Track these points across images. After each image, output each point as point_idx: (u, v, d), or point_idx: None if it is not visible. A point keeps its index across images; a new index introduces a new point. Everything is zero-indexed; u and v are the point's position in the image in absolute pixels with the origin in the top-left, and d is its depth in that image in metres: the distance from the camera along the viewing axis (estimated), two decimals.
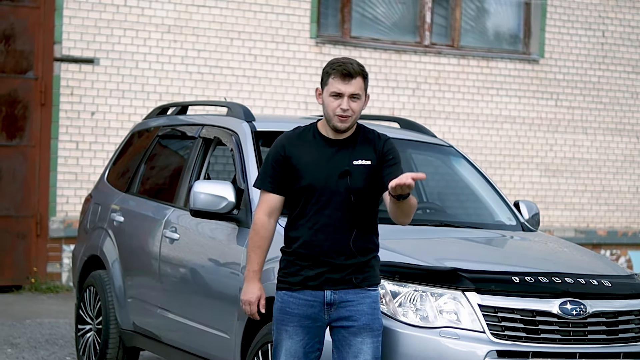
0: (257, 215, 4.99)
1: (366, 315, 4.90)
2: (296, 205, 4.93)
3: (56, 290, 11.00)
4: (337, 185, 4.88)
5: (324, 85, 4.95)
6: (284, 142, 4.99)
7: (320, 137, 4.97)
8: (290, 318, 4.90)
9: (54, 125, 11.05)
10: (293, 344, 4.90)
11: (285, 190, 4.96)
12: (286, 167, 4.93)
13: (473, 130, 12.93)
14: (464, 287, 5.28)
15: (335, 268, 4.88)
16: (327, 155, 4.92)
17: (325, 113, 4.94)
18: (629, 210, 13.89)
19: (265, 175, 4.98)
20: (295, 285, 4.91)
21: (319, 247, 4.87)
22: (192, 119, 7.54)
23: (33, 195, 11.05)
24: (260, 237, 4.98)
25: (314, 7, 12.08)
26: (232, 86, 11.73)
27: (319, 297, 4.89)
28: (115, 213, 7.63)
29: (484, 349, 5.19)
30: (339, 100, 4.88)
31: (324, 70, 4.95)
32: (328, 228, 4.87)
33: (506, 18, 13.35)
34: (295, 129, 5.05)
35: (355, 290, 4.91)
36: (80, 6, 11.11)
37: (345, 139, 4.96)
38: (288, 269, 4.94)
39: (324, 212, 4.87)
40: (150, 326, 7.05)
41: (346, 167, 4.89)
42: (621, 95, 13.75)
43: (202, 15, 11.59)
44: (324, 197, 4.88)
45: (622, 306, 5.52)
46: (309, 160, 4.91)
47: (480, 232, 6.54)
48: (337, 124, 4.90)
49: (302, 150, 4.94)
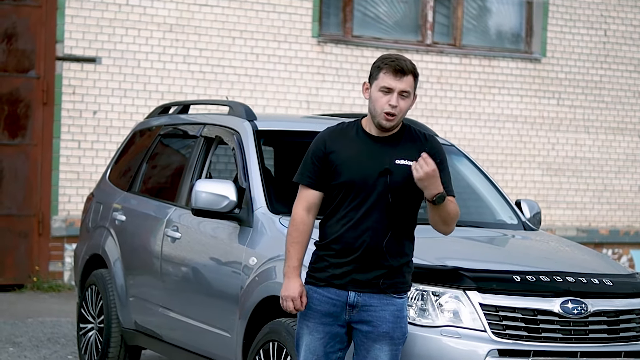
0: (295, 211, 4.89)
1: (387, 323, 4.81)
2: (333, 200, 4.83)
3: (58, 289, 11.01)
4: (376, 183, 4.77)
5: (373, 80, 4.81)
6: (326, 137, 4.89)
7: (363, 134, 4.86)
8: (312, 314, 4.83)
9: (56, 124, 11.06)
10: (313, 340, 4.84)
11: (324, 186, 4.86)
12: (326, 163, 4.83)
13: (475, 129, 12.93)
14: (466, 286, 5.28)
15: (362, 268, 4.79)
16: (369, 152, 4.82)
17: (372, 108, 4.81)
18: (630, 209, 13.89)
19: (305, 170, 4.88)
20: (320, 281, 4.83)
21: (350, 244, 4.77)
22: (193, 118, 7.55)
23: (35, 194, 11.06)
24: (299, 232, 4.86)
25: (315, 6, 12.08)
26: (234, 85, 11.73)
27: (343, 297, 4.81)
28: (117, 212, 7.64)
29: (485, 348, 5.19)
30: (388, 96, 4.77)
31: (374, 65, 4.81)
32: (361, 226, 4.77)
33: (508, 17, 13.35)
34: (339, 124, 4.95)
35: (380, 296, 4.81)
36: (82, 5, 11.11)
37: (388, 137, 4.85)
38: (317, 263, 4.87)
39: (359, 210, 4.77)
40: (152, 325, 7.05)
41: (387, 165, 4.78)
42: (623, 95, 13.74)
43: (204, 14, 11.60)
44: (361, 195, 4.78)
45: (623, 305, 5.52)
46: (349, 157, 4.81)
47: (481, 231, 6.54)
48: (382, 121, 4.79)
49: (344, 145, 4.84)
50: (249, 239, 6.06)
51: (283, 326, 5.54)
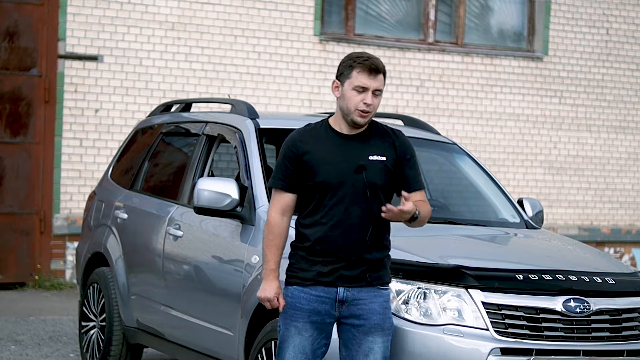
0: (270, 214, 4.94)
1: (378, 315, 4.87)
2: (310, 201, 4.89)
3: (60, 287, 11.01)
4: (353, 180, 4.84)
5: (344, 78, 4.88)
6: (296, 138, 4.93)
7: (333, 133, 4.92)
8: (300, 314, 4.86)
9: (57, 123, 11.06)
10: (302, 340, 4.86)
11: (298, 187, 4.91)
12: (300, 164, 4.88)
13: (477, 128, 12.92)
14: (468, 284, 5.28)
15: (350, 264, 4.85)
16: (342, 150, 4.88)
17: (344, 107, 4.87)
18: (632, 207, 13.88)
19: (278, 174, 4.93)
20: (307, 280, 4.86)
21: (335, 243, 4.83)
22: (195, 116, 7.54)
23: (37, 192, 11.06)
24: (275, 235, 4.92)
25: (317, 5, 12.08)
26: (236, 83, 11.73)
27: (332, 294, 4.85)
28: (119, 210, 7.63)
29: (487, 347, 5.19)
30: (363, 95, 4.84)
31: (344, 63, 4.88)
32: (344, 224, 4.83)
33: (510, 15, 13.34)
34: (306, 126, 5.00)
35: (368, 289, 4.88)
36: (84, 3, 11.11)
37: (359, 134, 4.92)
38: (299, 264, 4.90)
39: (340, 208, 4.83)
40: (154, 323, 7.05)
41: (361, 162, 4.86)
42: (625, 93, 13.73)
43: (205, 12, 11.59)
44: (340, 193, 4.84)
45: (625, 304, 5.52)
46: (323, 156, 4.87)
47: (484, 230, 6.53)
48: (357, 118, 4.86)
49: (316, 146, 4.89)
50: (251, 237, 6.06)
51: None
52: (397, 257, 5.41)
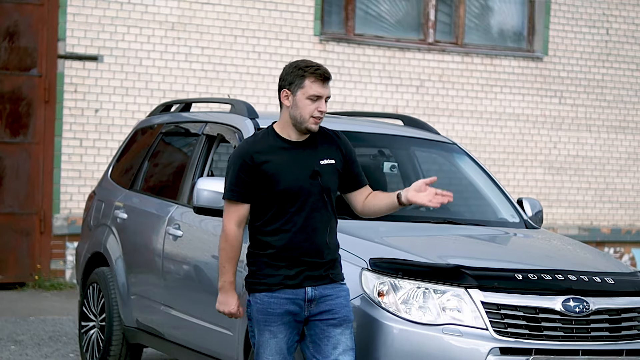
0: (228, 227, 5.03)
1: (345, 308, 5.02)
2: (268, 209, 4.99)
3: (60, 287, 11.01)
4: (310, 186, 4.98)
5: (296, 88, 4.98)
6: (249, 149, 5.02)
7: (282, 141, 5.03)
8: (273, 318, 4.97)
9: (57, 123, 11.06)
10: (278, 342, 4.98)
11: (253, 197, 5.01)
12: (256, 175, 4.97)
13: (477, 128, 12.92)
14: (467, 284, 5.28)
15: (314, 266, 4.99)
16: (295, 157, 5.01)
17: (298, 115, 4.98)
18: (632, 207, 13.88)
19: (233, 186, 5.01)
20: (274, 285, 4.97)
21: (299, 248, 4.96)
22: (195, 116, 7.54)
23: (37, 192, 11.06)
24: (233, 248, 5.03)
25: (317, 5, 12.08)
26: (236, 83, 11.73)
27: (300, 294, 4.98)
28: (119, 210, 7.63)
29: (486, 346, 5.19)
30: (317, 103, 4.98)
31: (294, 73, 4.98)
32: (307, 229, 4.97)
33: (510, 15, 13.35)
34: (253, 136, 5.10)
35: (332, 285, 5.03)
36: (84, 3, 11.11)
37: (306, 140, 5.05)
38: (263, 270, 5.00)
39: (301, 215, 4.96)
40: (154, 323, 7.05)
41: (315, 167, 5.00)
42: (625, 93, 13.74)
43: (205, 13, 11.60)
44: (300, 199, 4.97)
45: (625, 303, 5.52)
46: (279, 165, 4.97)
47: (483, 230, 6.53)
48: (311, 126, 4.99)
49: (272, 155, 4.99)
50: None
51: None
52: (397, 257, 5.42)
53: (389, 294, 5.29)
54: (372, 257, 5.44)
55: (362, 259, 5.44)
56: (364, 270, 5.40)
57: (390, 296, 5.27)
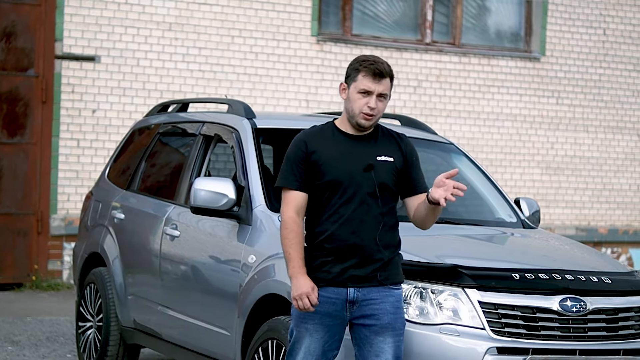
0: (286, 215, 4.90)
1: (389, 315, 4.88)
2: (319, 200, 4.90)
3: (57, 287, 11.01)
4: (362, 179, 4.88)
5: (350, 81, 4.92)
6: (305, 139, 4.96)
7: (340, 134, 4.96)
8: (311, 315, 4.85)
9: (55, 123, 11.05)
10: (313, 342, 4.86)
11: (308, 187, 4.92)
12: (309, 164, 4.90)
13: (474, 128, 12.93)
14: (464, 283, 5.28)
15: (360, 264, 4.86)
16: (350, 150, 4.92)
17: (350, 109, 4.92)
18: (630, 208, 13.89)
19: (289, 174, 4.93)
20: (319, 281, 4.86)
21: (344, 241, 4.84)
22: (192, 117, 7.54)
23: (34, 192, 11.06)
24: (295, 234, 4.88)
25: (315, 5, 12.08)
26: (233, 84, 11.73)
27: (342, 295, 4.85)
28: (116, 210, 7.63)
29: (484, 346, 5.19)
30: (367, 98, 4.88)
31: (352, 66, 4.93)
32: (353, 222, 4.85)
33: (507, 16, 13.35)
34: (313, 127, 5.04)
35: (379, 289, 4.89)
36: (82, 3, 11.11)
37: (365, 135, 4.97)
38: (311, 264, 4.88)
39: (349, 206, 4.85)
40: (151, 323, 7.05)
41: (370, 161, 4.90)
42: (622, 93, 13.74)
43: (203, 13, 11.60)
44: (349, 191, 4.86)
45: (622, 303, 5.52)
46: (332, 156, 4.90)
47: (480, 229, 6.54)
48: (361, 121, 4.90)
49: (324, 146, 4.92)
50: (248, 237, 6.06)
51: (282, 324, 5.53)
52: None
53: None
54: None
55: None
56: None
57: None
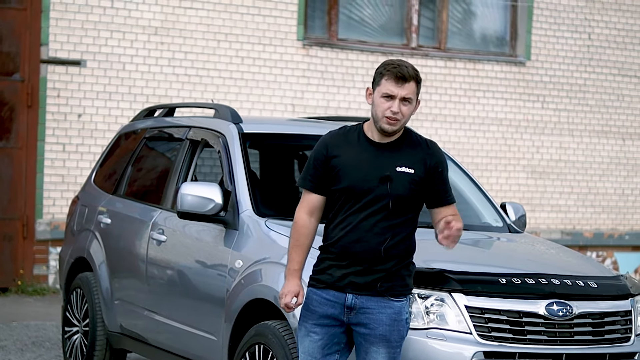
0: (298, 214, 4.92)
1: (384, 326, 4.83)
2: (334, 205, 4.88)
3: (43, 292, 10.98)
4: (377, 189, 4.81)
5: (375, 85, 4.86)
6: (328, 141, 4.92)
7: (364, 139, 4.89)
8: (310, 315, 4.87)
9: (40, 127, 11.03)
10: (311, 342, 4.86)
11: (326, 190, 4.90)
12: (327, 167, 4.87)
13: (460, 133, 12.95)
14: (451, 288, 5.29)
15: (361, 272, 4.82)
16: (370, 158, 4.85)
17: (374, 114, 4.85)
18: (614, 212, 13.93)
19: (307, 175, 4.91)
20: (320, 283, 4.87)
21: (349, 248, 4.81)
22: (179, 121, 7.54)
23: (20, 197, 11.03)
24: (300, 235, 4.90)
25: (300, 10, 12.09)
26: (219, 88, 11.73)
27: (341, 299, 4.84)
28: (102, 215, 7.62)
29: (470, 350, 5.20)
30: (390, 102, 4.80)
31: (377, 71, 4.87)
32: (360, 231, 4.81)
33: (493, 20, 13.38)
34: (341, 129, 4.97)
35: (378, 299, 4.84)
36: (67, 8, 11.09)
37: (390, 143, 4.89)
38: (319, 266, 4.91)
39: (359, 215, 4.81)
40: (138, 328, 7.04)
41: (387, 172, 4.83)
42: (607, 98, 13.79)
43: (189, 17, 11.59)
44: (362, 200, 4.81)
45: (608, 307, 5.54)
46: (351, 162, 4.85)
47: (467, 234, 6.49)
48: (384, 125, 4.82)
49: (345, 150, 4.87)
50: (235, 242, 6.06)
51: (269, 329, 5.54)
52: None
53: None
54: None
55: None
56: None
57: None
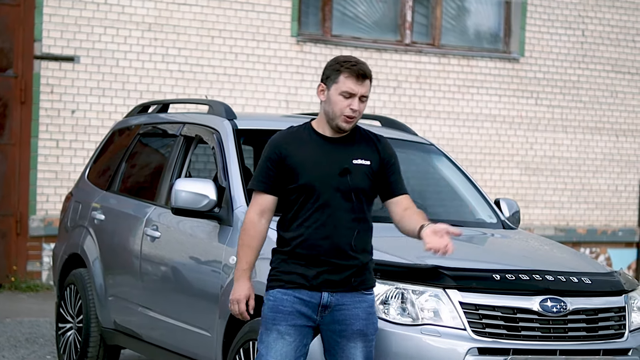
0: (248, 215, 4.88)
1: (360, 320, 4.82)
2: (293, 204, 4.82)
3: (36, 289, 10.97)
4: (338, 183, 4.79)
5: (331, 82, 4.81)
6: (280, 141, 4.87)
7: (317, 136, 4.87)
8: (283, 317, 4.78)
9: (34, 124, 11.01)
10: (284, 344, 4.77)
11: (279, 190, 4.85)
12: (282, 167, 4.82)
13: (454, 129, 12.96)
14: (445, 284, 5.30)
15: (335, 269, 4.79)
16: (326, 153, 4.83)
17: (330, 111, 4.82)
18: (608, 208, 13.95)
19: (260, 176, 4.86)
20: (289, 283, 4.79)
21: (320, 246, 4.77)
22: (173, 117, 7.54)
23: (13, 193, 11.01)
24: (249, 236, 4.87)
25: (294, 6, 12.08)
26: (213, 84, 11.72)
27: (315, 298, 4.78)
28: (96, 211, 7.62)
29: (465, 346, 5.21)
30: (350, 100, 4.78)
31: (331, 67, 4.82)
32: (329, 227, 4.77)
33: (487, 17, 13.39)
34: (289, 128, 4.95)
35: (352, 294, 4.82)
36: (61, 4, 11.07)
37: (343, 137, 4.87)
38: (281, 267, 4.82)
39: (324, 211, 4.77)
40: (132, 324, 7.04)
41: (346, 165, 4.81)
42: (601, 94, 13.80)
43: (182, 13, 11.58)
44: (325, 196, 4.78)
45: (601, 303, 5.55)
46: (307, 159, 4.81)
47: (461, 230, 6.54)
48: (342, 124, 4.81)
49: (299, 148, 4.83)
50: (229, 238, 6.06)
51: None
52: (375, 258, 5.42)
53: None
54: None
55: None
56: None
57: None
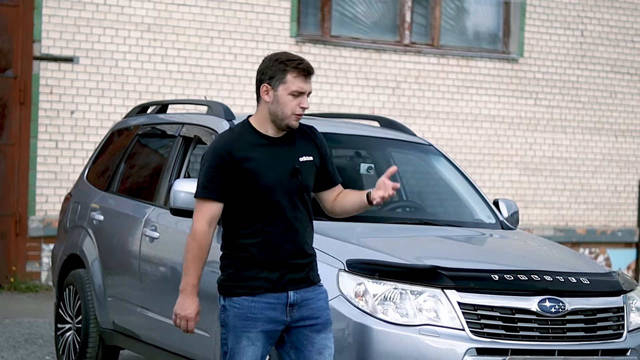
0: (198, 226, 4.68)
1: (326, 311, 4.78)
2: (248, 209, 4.70)
3: (35, 289, 10.97)
4: (290, 183, 4.71)
5: (277, 82, 4.69)
6: (227, 146, 4.69)
7: (260, 137, 4.74)
8: (253, 324, 4.69)
9: (33, 124, 11.02)
10: (255, 350, 4.70)
11: (229, 196, 4.71)
12: (237, 172, 4.67)
13: (453, 129, 12.96)
14: (444, 285, 5.30)
15: (296, 268, 4.73)
16: (276, 154, 4.72)
17: (279, 111, 4.69)
18: (607, 208, 13.95)
19: (208, 184, 4.67)
20: (256, 289, 4.69)
21: (284, 250, 4.69)
22: (172, 118, 7.54)
23: (12, 194, 11.01)
24: (201, 248, 4.69)
25: (294, 6, 12.09)
26: (212, 85, 11.72)
27: (282, 299, 4.71)
28: (95, 212, 7.62)
29: (463, 347, 5.21)
30: (299, 99, 4.69)
31: (275, 67, 4.68)
32: (290, 230, 4.70)
33: (486, 17, 13.39)
34: (229, 131, 4.80)
35: (312, 288, 4.77)
36: (60, 4, 11.08)
37: (284, 136, 4.77)
38: (243, 273, 4.71)
39: (283, 215, 4.69)
40: (130, 325, 7.04)
41: (295, 164, 4.73)
42: (600, 95, 13.81)
43: (181, 14, 11.58)
44: (281, 198, 4.69)
45: (600, 303, 5.56)
46: (261, 162, 4.69)
47: (459, 230, 6.56)
48: (292, 122, 4.71)
49: (250, 152, 4.69)
50: None
51: None
52: (374, 258, 5.43)
53: (366, 295, 5.30)
54: (348, 258, 5.45)
55: (339, 260, 5.45)
56: (340, 272, 5.41)
57: (367, 297, 5.28)
